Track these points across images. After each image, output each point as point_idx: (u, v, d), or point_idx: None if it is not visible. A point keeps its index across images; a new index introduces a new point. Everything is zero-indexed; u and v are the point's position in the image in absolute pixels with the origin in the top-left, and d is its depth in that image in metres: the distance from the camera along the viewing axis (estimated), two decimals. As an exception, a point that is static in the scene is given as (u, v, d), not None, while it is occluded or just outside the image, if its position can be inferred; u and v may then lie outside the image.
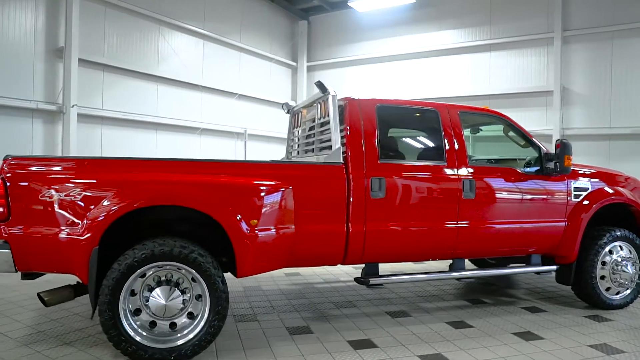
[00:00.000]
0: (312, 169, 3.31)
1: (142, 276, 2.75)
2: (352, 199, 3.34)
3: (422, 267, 5.70)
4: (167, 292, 2.74)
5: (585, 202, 4.13)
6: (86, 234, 2.65)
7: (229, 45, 12.98)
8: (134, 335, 2.67)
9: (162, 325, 2.76)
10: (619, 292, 4.22)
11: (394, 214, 3.48)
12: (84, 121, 9.34)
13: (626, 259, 4.19)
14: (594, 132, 10.89)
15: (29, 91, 8.61)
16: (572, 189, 4.13)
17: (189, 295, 2.81)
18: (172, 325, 2.78)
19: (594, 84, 11.06)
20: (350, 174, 3.36)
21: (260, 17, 14.14)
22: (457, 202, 3.66)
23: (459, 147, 3.77)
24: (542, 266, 4.18)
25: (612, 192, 4.23)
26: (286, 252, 3.12)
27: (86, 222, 2.67)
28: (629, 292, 4.24)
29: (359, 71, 14.50)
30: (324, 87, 3.55)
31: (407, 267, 5.52)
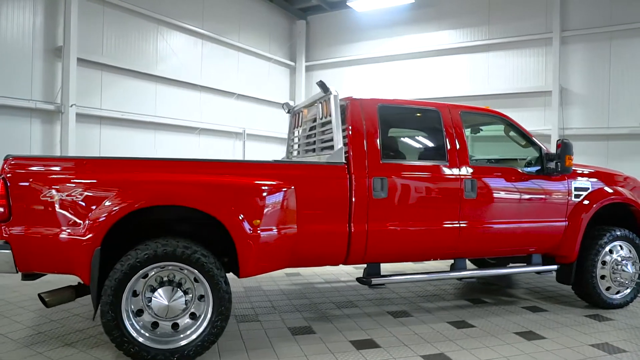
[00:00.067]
0: (314, 169, 3.31)
1: (144, 277, 2.73)
2: (354, 199, 3.33)
3: (422, 266, 5.71)
4: (169, 293, 2.73)
5: (585, 202, 4.14)
6: (88, 234, 2.64)
7: (228, 45, 12.96)
8: (137, 336, 2.66)
9: (164, 325, 2.75)
10: (619, 292, 4.23)
11: (395, 213, 3.48)
12: (83, 121, 9.30)
13: (626, 259, 4.21)
14: (592, 132, 10.94)
15: (27, 91, 8.56)
16: (573, 188, 4.14)
17: (191, 295, 2.79)
18: (175, 325, 2.77)
19: (592, 84, 11.10)
20: (352, 174, 3.36)
21: (258, 17, 14.12)
22: (459, 201, 3.66)
23: (461, 147, 3.77)
24: (543, 266, 4.19)
25: (612, 191, 4.25)
26: (288, 252, 3.11)
27: (88, 222, 2.65)
28: (629, 291, 4.26)
29: (358, 71, 14.50)
30: (325, 86, 3.55)
31: (407, 267, 5.52)
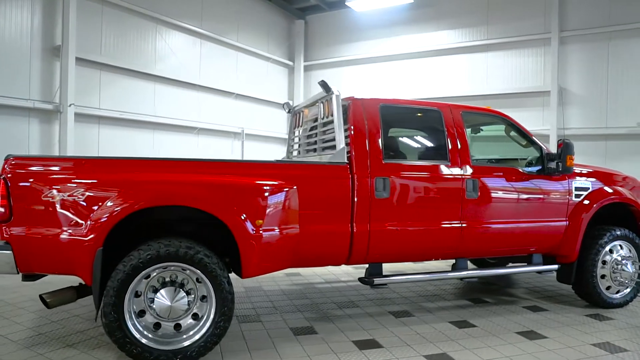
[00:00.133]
0: (316, 168, 3.30)
1: (147, 277, 2.72)
2: (356, 199, 3.33)
3: (421, 266, 5.71)
4: (172, 293, 2.72)
5: (585, 202, 4.15)
6: (90, 234, 2.62)
7: (226, 44, 12.93)
8: (140, 337, 2.64)
9: (166, 326, 2.74)
10: (619, 291, 4.25)
11: (398, 213, 3.48)
12: (81, 120, 9.27)
13: (626, 258, 4.22)
14: (590, 132, 10.98)
15: (25, 90, 8.52)
16: (573, 188, 4.15)
17: (194, 296, 2.78)
18: (177, 326, 2.76)
19: (590, 84, 11.15)
20: (354, 174, 3.35)
21: (257, 17, 14.11)
22: (461, 201, 3.67)
23: (462, 146, 3.77)
24: (544, 265, 4.20)
25: (611, 191, 4.26)
26: (291, 253, 3.10)
27: (90, 222, 2.64)
28: (628, 290, 4.27)
29: (356, 71, 14.51)
30: (327, 86, 3.54)
31: (406, 267, 5.52)
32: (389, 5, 12.80)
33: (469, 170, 3.74)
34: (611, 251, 4.22)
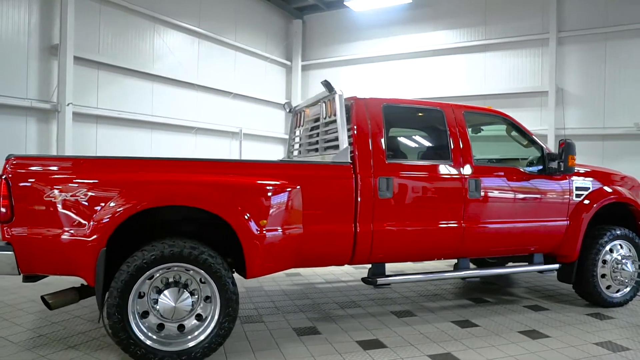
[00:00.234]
0: (320, 168, 3.29)
1: (150, 278, 2.70)
2: (360, 199, 3.32)
3: (421, 266, 5.71)
4: (175, 294, 2.70)
5: (585, 202, 4.17)
6: (93, 235, 2.60)
7: (224, 44, 12.90)
8: (144, 338, 2.62)
9: (170, 327, 2.72)
10: (619, 290, 4.27)
11: (401, 213, 3.48)
12: (79, 120, 9.21)
13: (626, 257, 4.24)
14: (588, 132, 11.04)
15: (23, 89, 8.45)
16: (574, 188, 4.17)
17: (197, 297, 2.77)
18: (180, 327, 2.74)
19: (588, 85, 11.21)
20: (358, 174, 3.35)
21: (255, 16, 14.08)
22: (463, 201, 3.67)
23: (464, 146, 3.78)
24: (544, 265, 4.22)
25: (611, 191, 4.28)
26: (295, 253, 3.10)
27: (93, 223, 2.62)
28: (628, 289, 4.30)
29: (354, 71, 14.51)
30: (330, 86, 3.53)
31: (406, 266, 5.52)
32: (387, 5, 12.81)
33: (471, 170, 3.74)
34: (611, 250, 4.24)
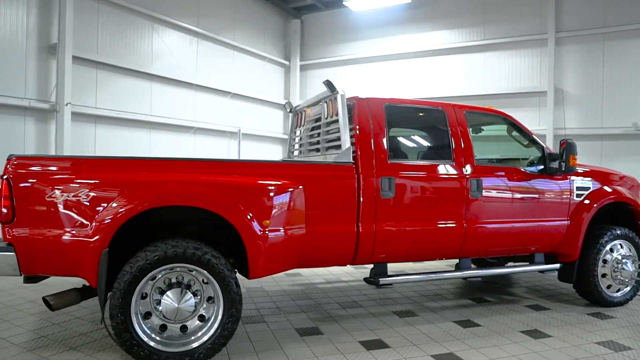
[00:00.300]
0: (322, 168, 3.29)
1: (152, 279, 2.68)
2: (362, 199, 3.32)
3: (422, 266, 5.71)
4: (178, 295, 2.69)
5: (586, 202, 4.18)
6: (95, 235, 2.58)
7: (223, 43, 12.88)
8: (147, 340, 2.61)
9: (173, 328, 2.71)
10: (619, 290, 4.28)
11: (403, 213, 3.48)
12: (77, 120, 9.16)
13: (626, 257, 4.26)
14: (586, 132, 11.08)
15: (21, 89, 8.40)
16: (575, 188, 4.18)
17: (200, 297, 2.75)
18: (183, 328, 2.73)
19: (586, 85, 11.25)
20: (360, 174, 3.34)
21: (253, 16, 14.06)
22: (465, 201, 3.67)
23: (466, 146, 3.78)
24: (545, 265, 4.23)
25: (611, 191, 4.30)
26: (297, 253, 3.09)
27: (95, 223, 2.60)
28: (628, 289, 4.31)
29: (353, 71, 14.51)
30: (332, 86, 3.53)
31: (406, 266, 5.52)
32: (386, 5, 12.81)
33: (473, 170, 3.74)
34: (612, 250, 4.25)
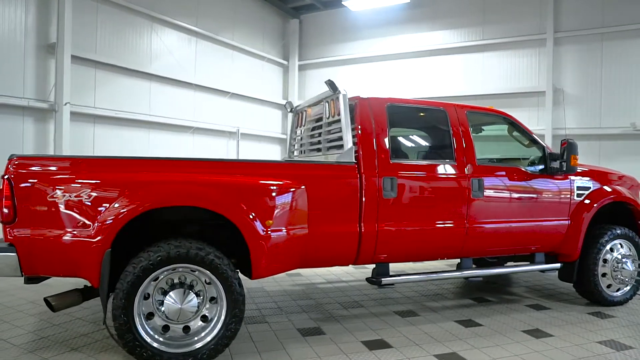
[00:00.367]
0: (325, 168, 3.28)
1: (155, 279, 2.67)
2: (364, 199, 3.32)
3: (422, 266, 5.71)
4: (181, 295, 2.68)
5: (586, 201, 4.20)
6: (98, 235, 2.57)
7: (222, 43, 12.86)
8: (151, 341, 2.60)
9: (175, 329, 2.70)
10: (619, 289, 4.30)
11: (405, 213, 3.48)
12: (76, 119, 9.13)
13: (626, 256, 4.27)
14: (584, 132, 11.12)
15: (20, 88, 8.36)
16: (575, 188, 4.20)
17: (203, 298, 2.75)
18: (186, 328, 2.72)
19: (585, 85, 11.30)
20: (362, 174, 3.34)
21: (252, 15, 14.04)
22: (466, 201, 3.68)
23: (467, 146, 3.78)
24: (546, 264, 4.24)
25: (611, 190, 4.31)
26: (300, 253, 3.08)
27: (98, 223, 2.59)
28: (628, 288, 4.33)
29: (351, 70, 14.51)
30: (334, 85, 3.52)
31: (407, 266, 5.52)
32: (385, 4, 12.81)
33: (475, 169, 3.75)
34: (612, 250, 4.26)
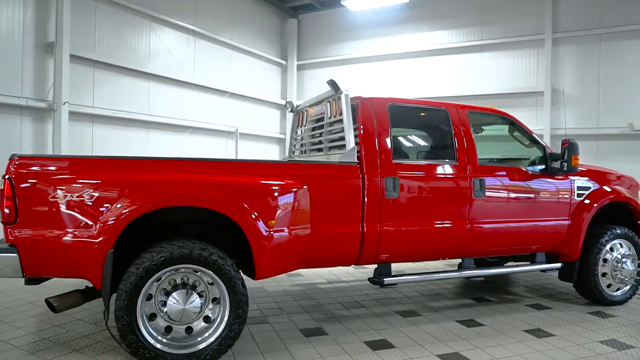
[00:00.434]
0: (327, 168, 3.28)
1: (157, 280, 2.66)
2: (366, 199, 3.31)
3: (422, 266, 5.71)
4: (184, 296, 2.66)
5: (586, 201, 4.21)
6: (100, 236, 2.55)
7: (220, 42, 12.83)
8: (154, 342, 2.58)
9: (178, 329, 2.69)
10: (619, 289, 4.32)
11: (407, 213, 3.48)
12: (74, 119, 9.08)
13: (626, 256, 4.29)
14: (582, 132, 11.16)
15: (18, 88, 8.30)
16: (576, 188, 4.21)
17: (205, 298, 2.74)
18: (188, 329, 2.71)
19: (583, 85, 11.34)
20: (364, 174, 3.34)
21: (251, 15, 14.02)
22: (468, 200, 3.68)
23: (469, 146, 3.79)
24: (547, 264, 4.25)
25: (611, 190, 4.33)
26: (302, 253, 3.08)
27: (100, 224, 2.57)
28: (628, 288, 4.35)
29: (350, 70, 14.51)
30: (337, 85, 3.52)
31: (407, 266, 5.52)
32: (383, 4, 12.82)
33: (476, 169, 3.75)
34: (612, 249, 4.28)
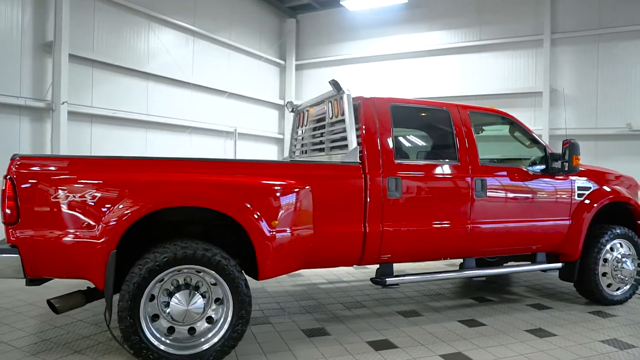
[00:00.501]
0: (329, 169, 3.28)
1: (160, 280, 2.65)
2: (369, 199, 3.31)
3: (423, 266, 5.71)
4: (187, 297, 2.66)
5: (587, 201, 4.22)
6: (103, 237, 2.54)
7: (219, 42, 12.82)
8: (158, 343, 2.57)
9: (181, 330, 2.68)
10: (619, 288, 4.33)
11: (409, 213, 3.48)
12: (73, 119, 9.05)
13: (626, 256, 4.31)
14: (581, 133, 11.20)
15: (16, 87, 8.27)
16: (576, 188, 4.22)
17: (208, 299, 2.73)
18: (191, 330, 2.70)
19: (581, 86, 11.39)
20: (367, 174, 3.34)
21: (249, 15, 14.01)
22: (469, 201, 3.69)
23: (470, 146, 3.79)
24: (547, 264, 4.26)
25: (611, 190, 4.35)
26: (305, 254, 3.07)
27: (103, 224, 2.56)
28: (628, 287, 4.36)
29: (349, 70, 14.52)
30: (339, 85, 3.52)
31: (407, 266, 5.52)
32: (382, 4, 12.84)
33: (477, 169, 3.76)
34: (612, 249, 4.30)
